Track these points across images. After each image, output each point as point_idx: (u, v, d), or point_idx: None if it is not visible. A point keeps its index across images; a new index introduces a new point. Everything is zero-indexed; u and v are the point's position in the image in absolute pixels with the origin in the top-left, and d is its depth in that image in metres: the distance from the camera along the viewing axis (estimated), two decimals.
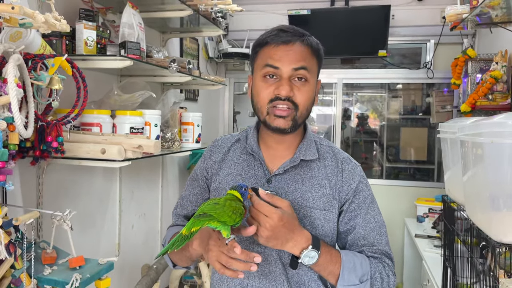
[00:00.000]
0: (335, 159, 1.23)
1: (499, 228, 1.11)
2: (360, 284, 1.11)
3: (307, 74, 1.13)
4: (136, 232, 2.55)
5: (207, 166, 1.30)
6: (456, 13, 2.18)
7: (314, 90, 1.18)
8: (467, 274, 1.42)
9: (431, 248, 2.73)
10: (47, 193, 1.78)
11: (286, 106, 1.12)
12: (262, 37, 1.17)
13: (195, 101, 3.43)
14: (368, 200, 1.21)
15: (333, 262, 1.10)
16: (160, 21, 2.47)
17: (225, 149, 1.29)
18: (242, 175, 1.22)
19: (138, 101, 1.91)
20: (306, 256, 1.05)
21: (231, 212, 0.99)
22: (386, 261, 1.18)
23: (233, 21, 3.86)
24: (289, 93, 1.11)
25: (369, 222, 1.19)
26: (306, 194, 1.17)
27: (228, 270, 1.00)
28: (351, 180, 1.20)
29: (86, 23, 1.67)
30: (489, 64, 2.78)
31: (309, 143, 1.23)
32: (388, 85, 5.15)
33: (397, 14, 3.60)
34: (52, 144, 1.42)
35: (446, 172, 1.81)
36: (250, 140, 1.25)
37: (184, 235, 1.00)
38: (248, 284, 1.18)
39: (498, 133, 1.05)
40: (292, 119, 1.14)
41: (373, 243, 1.18)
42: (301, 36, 1.14)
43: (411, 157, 4.73)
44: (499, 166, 1.07)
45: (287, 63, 1.12)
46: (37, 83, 1.36)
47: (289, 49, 1.12)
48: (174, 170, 3.06)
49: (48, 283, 1.36)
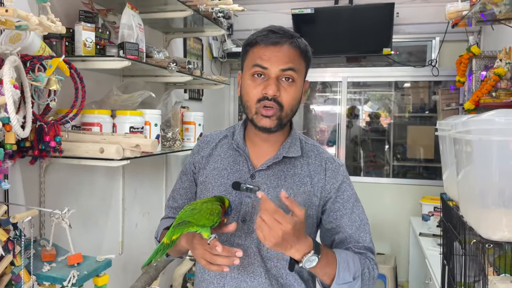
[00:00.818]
0: (319, 158, 1.27)
1: (487, 225, 1.11)
2: (353, 281, 1.15)
3: (294, 75, 1.16)
4: (140, 230, 2.58)
5: (195, 160, 1.35)
6: (456, 10, 2.18)
7: (300, 91, 1.21)
8: (462, 272, 1.42)
9: (435, 246, 2.72)
10: (50, 192, 1.81)
11: (271, 106, 1.15)
12: (252, 37, 1.20)
13: (200, 100, 3.45)
14: (352, 199, 1.25)
15: (329, 264, 1.13)
16: (163, 21, 2.50)
17: (212, 145, 1.34)
18: (228, 169, 1.26)
19: (137, 101, 1.94)
20: (307, 260, 1.09)
21: (208, 214, 1.06)
22: (370, 256, 1.23)
23: (237, 21, 3.87)
24: (275, 93, 1.15)
25: (354, 221, 1.23)
26: (287, 191, 1.21)
27: (213, 265, 1.07)
28: (334, 179, 1.24)
29: (85, 25, 1.70)
30: (494, 61, 2.75)
31: (294, 141, 1.27)
32: (395, 83, 5.12)
33: (402, 11, 3.58)
34: (50, 144, 1.45)
35: (444, 170, 1.80)
36: (237, 136, 1.29)
37: (166, 243, 1.08)
38: (227, 275, 1.23)
39: (486, 130, 1.05)
40: (277, 118, 1.17)
41: (358, 241, 1.23)
42: (290, 38, 1.17)
43: (418, 156, 4.70)
44: (487, 163, 1.07)
45: (275, 63, 1.15)
46: (35, 84, 1.39)
47: (278, 50, 1.15)
48: (178, 169, 3.09)
49: (46, 279, 1.40)
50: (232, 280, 1.22)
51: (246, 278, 1.21)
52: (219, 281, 1.24)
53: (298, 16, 3.55)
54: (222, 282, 1.24)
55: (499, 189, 1.06)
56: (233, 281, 1.22)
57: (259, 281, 1.21)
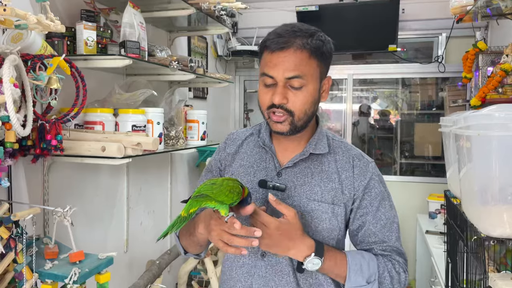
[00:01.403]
0: (347, 155, 1.24)
1: (487, 222, 1.09)
2: (367, 284, 1.14)
3: (301, 81, 1.11)
4: (145, 228, 2.59)
5: (221, 158, 1.34)
6: (460, 5, 2.15)
7: (314, 93, 1.15)
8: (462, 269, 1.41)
9: (441, 244, 2.69)
10: (54, 190, 1.83)
11: (281, 113, 1.13)
12: (264, 39, 1.17)
13: (204, 99, 3.45)
14: (380, 197, 1.21)
15: (338, 266, 1.12)
16: (166, 20, 2.50)
17: (239, 142, 1.33)
18: (254, 167, 1.25)
19: (139, 100, 1.94)
20: (309, 262, 1.09)
21: (228, 191, 1.01)
22: (397, 259, 1.19)
23: (242, 19, 3.87)
24: (281, 101, 1.11)
25: (380, 219, 1.20)
26: (314, 188, 1.19)
27: (231, 248, 1.03)
28: (362, 176, 1.21)
29: (86, 24, 1.70)
30: (501, 56, 2.72)
31: (320, 138, 1.24)
32: (402, 80, 5.09)
33: (407, 8, 3.55)
34: (52, 142, 1.46)
35: (447, 167, 1.78)
36: (263, 134, 1.27)
37: (183, 216, 1.03)
38: (255, 273, 1.21)
39: (485, 126, 1.04)
40: (290, 123, 1.14)
41: (383, 240, 1.19)
42: (299, 39, 1.11)
43: (425, 153, 4.66)
44: (486, 159, 1.06)
45: (281, 71, 1.11)
46: (36, 83, 1.40)
47: (284, 55, 1.11)
48: (183, 167, 3.10)
49: (48, 277, 1.41)
50: (260, 278, 1.20)
51: (274, 277, 1.19)
52: (246, 279, 1.22)
53: (303, 13, 3.54)
54: (250, 280, 1.21)
55: (499, 185, 1.04)
56: (261, 280, 1.20)
57: (287, 280, 1.18)
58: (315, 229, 1.17)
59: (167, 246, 2.83)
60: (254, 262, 1.21)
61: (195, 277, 2.79)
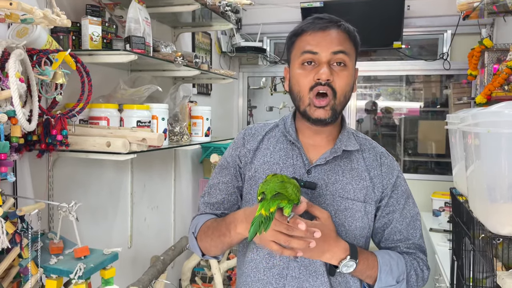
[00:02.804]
0: (374, 152, 1.23)
1: (496, 220, 1.09)
2: (396, 284, 1.13)
3: (346, 58, 1.11)
4: (149, 224, 2.59)
5: (240, 154, 1.27)
6: (467, 2, 2.14)
7: (352, 77, 1.15)
8: (471, 268, 1.40)
9: (445, 242, 2.68)
10: (58, 185, 1.83)
11: (325, 92, 1.10)
12: (298, 27, 1.16)
13: (208, 95, 3.45)
14: (405, 195, 1.21)
15: (370, 267, 1.11)
16: (171, 16, 2.49)
17: (259, 138, 1.26)
18: (280, 164, 1.20)
19: (144, 95, 1.94)
20: (344, 266, 1.07)
21: (296, 191, 0.99)
22: (420, 256, 1.20)
23: (246, 15, 3.86)
24: (329, 77, 1.09)
25: (405, 217, 1.20)
26: (347, 186, 1.16)
27: (287, 250, 0.99)
28: (390, 174, 1.20)
29: (91, 19, 1.70)
30: (506, 54, 2.70)
31: (349, 134, 1.22)
32: (406, 77, 5.06)
33: (413, 4, 3.53)
34: (57, 137, 1.45)
35: (454, 165, 1.77)
36: (289, 129, 1.23)
37: (266, 215, 0.95)
38: (288, 274, 1.16)
39: (495, 123, 1.03)
40: (331, 108, 1.11)
41: (408, 237, 1.20)
42: (337, 22, 1.13)
43: (429, 151, 4.65)
44: (495, 156, 1.05)
45: (325, 47, 1.10)
46: (42, 78, 1.39)
47: (326, 34, 1.11)
48: (187, 163, 3.09)
49: (53, 272, 1.40)
50: (294, 280, 1.15)
51: (309, 277, 1.15)
52: (278, 281, 1.17)
53: (308, 9, 3.52)
54: (282, 282, 1.16)
55: (508, 183, 1.04)
56: (295, 281, 1.15)
57: (322, 281, 1.15)
58: (349, 228, 1.15)
59: (170, 242, 2.83)
60: (286, 263, 1.16)
61: (198, 273, 2.79)
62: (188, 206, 3.12)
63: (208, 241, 1.20)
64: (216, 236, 1.16)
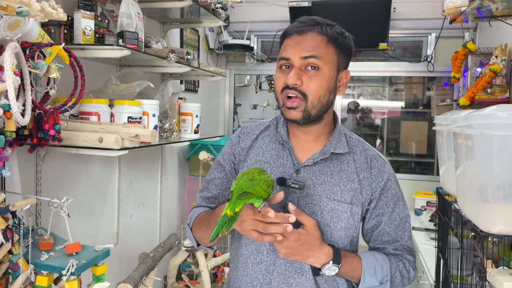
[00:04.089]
0: (365, 155, 1.24)
1: (487, 219, 1.12)
2: (380, 285, 1.17)
3: (317, 62, 1.11)
4: (135, 221, 2.57)
5: (235, 151, 1.31)
6: (455, 6, 2.19)
7: (329, 80, 1.15)
8: (458, 266, 1.44)
9: (428, 240, 2.75)
10: (46, 180, 1.80)
11: (295, 95, 1.12)
12: (285, 29, 1.19)
13: (195, 92, 3.44)
14: (395, 198, 1.23)
15: (353, 270, 1.15)
16: (160, 11, 2.47)
17: (253, 136, 1.30)
18: (271, 163, 1.23)
19: (136, 91, 1.93)
20: (327, 269, 1.11)
21: (266, 186, 1.04)
22: (407, 257, 1.23)
23: (234, 13, 3.86)
24: (295, 82, 1.11)
25: (394, 220, 1.22)
26: (334, 188, 1.18)
27: (266, 236, 1.04)
28: (380, 178, 1.22)
29: (84, 13, 1.68)
30: (489, 57, 2.78)
31: (340, 136, 1.23)
32: (389, 78, 5.14)
33: (399, 7, 3.59)
34: (49, 132, 1.43)
35: (441, 165, 1.82)
36: (281, 129, 1.25)
37: (230, 215, 1.02)
38: (274, 270, 1.20)
39: (488, 125, 1.06)
40: (303, 110, 1.13)
41: (396, 239, 1.22)
42: (316, 25, 1.14)
43: (411, 151, 4.73)
44: (488, 157, 1.08)
45: (297, 52, 1.12)
46: (35, 72, 1.37)
47: (301, 38, 1.13)
48: (173, 160, 3.08)
49: (45, 268, 1.39)
50: (279, 276, 1.19)
51: (294, 274, 1.19)
52: (265, 277, 1.21)
53: (296, 8, 3.54)
54: (268, 278, 1.20)
55: (500, 183, 1.07)
56: (280, 277, 1.19)
57: (307, 277, 1.18)
58: (334, 228, 1.18)
59: (156, 239, 2.82)
60: (273, 259, 1.20)
61: (184, 270, 2.78)
62: (174, 203, 3.11)
63: (200, 233, 1.27)
64: (206, 228, 1.22)
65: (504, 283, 0.99)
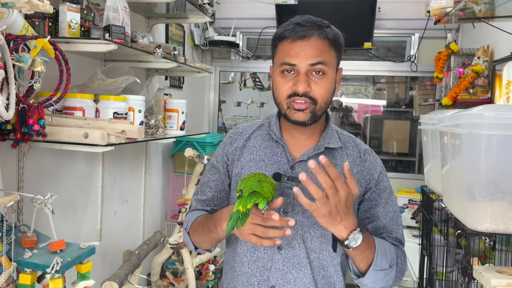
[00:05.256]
0: (357, 149, 1.26)
1: (474, 217, 1.14)
2: (389, 268, 1.15)
3: (324, 68, 1.13)
4: (118, 218, 2.54)
5: (227, 152, 1.32)
6: (440, 7, 2.22)
7: (333, 82, 1.18)
8: (443, 263, 1.46)
9: (410, 238, 2.79)
10: (28, 176, 1.76)
11: (304, 101, 1.14)
12: (280, 31, 1.17)
13: (180, 88, 3.41)
14: (388, 191, 1.25)
15: (369, 247, 1.11)
16: (146, 6, 2.44)
17: (246, 136, 1.31)
18: (265, 160, 1.24)
19: (121, 86, 1.90)
20: (353, 239, 1.05)
21: (272, 189, 1.07)
22: (402, 249, 1.24)
23: (220, 9, 3.83)
24: (306, 89, 1.12)
25: (388, 212, 1.23)
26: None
27: (266, 240, 1.04)
28: (373, 170, 1.24)
29: (70, 5, 1.64)
30: (471, 58, 2.83)
31: (332, 132, 1.25)
32: (372, 78, 5.19)
33: (383, 7, 3.62)
34: (34, 127, 1.40)
35: (426, 163, 1.84)
36: (273, 127, 1.26)
37: (243, 211, 1.03)
38: (272, 266, 1.20)
39: (476, 124, 1.08)
40: (311, 112, 1.15)
41: (391, 232, 1.23)
42: (318, 29, 1.13)
43: (393, 149, 4.80)
44: (475, 156, 1.10)
45: (304, 59, 1.12)
46: (19, 65, 1.33)
47: (305, 44, 1.12)
48: (157, 157, 3.05)
49: (28, 266, 1.35)
50: (277, 272, 1.19)
51: (292, 269, 1.18)
52: (262, 274, 1.21)
53: (282, 6, 3.54)
54: (266, 274, 1.20)
55: (487, 182, 1.09)
56: (278, 273, 1.19)
57: (305, 273, 1.18)
58: None
59: (139, 236, 2.79)
60: (270, 256, 1.20)
61: (168, 268, 2.76)
62: (158, 200, 3.09)
63: (199, 237, 1.26)
64: (205, 232, 1.22)
65: (492, 280, 1.01)
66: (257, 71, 4.59)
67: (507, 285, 0.99)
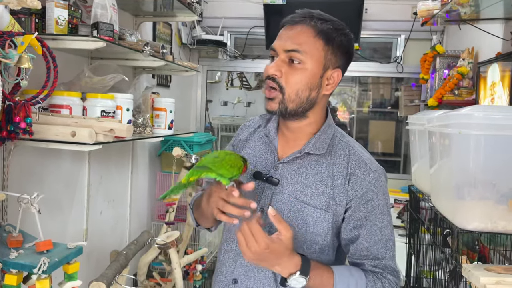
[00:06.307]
0: (347, 160, 1.15)
1: (463, 216, 1.16)
2: None
3: (300, 56, 1.08)
4: (104, 218, 2.51)
5: (234, 143, 1.35)
6: (427, 9, 2.25)
7: (312, 76, 1.11)
8: (430, 261, 1.48)
9: (396, 237, 2.80)
10: (13, 175, 1.73)
11: (273, 86, 1.11)
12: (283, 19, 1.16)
13: (167, 87, 3.39)
14: (377, 211, 1.12)
15: (323, 284, 1.08)
16: (133, 3, 2.42)
17: (251, 130, 1.32)
18: (257, 157, 1.25)
19: (109, 84, 1.87)
20: (293, 280, 1.04)
21: (229, 166, 1.05)
22: (388, 277, 1.12)
23: (207, 8, 3.82)
24: (274, 73, 1.10)
25: (374, 234, 1.12)
26: (305, 189, 1.14)
27: (223, 215, 1.05)
28: (358, 186, 1.12)
29: (58, 2, 1.62)
30: (457, 60, 2.87)
31: (323, 137, 1.18)
32: (358, 78, 5.23)
33: (370, 8, 3.65)
34: (20, 125, 1.38)
35: (413, 163, 1.86)
36: (270, 125, 1.25)
37: (182, 183, 1.08)
38: (238, 260, 1.21)
39: (466, 125, 1.09)
40: (280, 102, 1.11)
41: (376, 257, 1.12)
42: (309, 18, 1.10)
43: (378, 150, 4.84)
44: (464, 156, 1.12)
45: (282, 44, 1.10)
46: (5, 61, 1.31)
47: (289, 30, 1.11)
48: (144, 156, 3.02)
49: (14, 266, 1.33)
50: (242, 267, 1.20)
51: (255, 268, 1.17)
52: (230, 265, 1.23)
53: (270, 6, 3.54)
54: (233, 267, 1.22)
55: (476, 181, 1.11)
56: (242, 269, 1.20)
57: (266, 274, 1.16)
58: (298, 230, 1.13)
59: (126, 236, 2.76)
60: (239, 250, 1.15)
61: (155, 268, 2.74)
62: (144, 200, 3.06)
63: (197, 213, 1.31)
64: (198, 207, 1.26)
65: (481, 278, 1.03)
66: (244, 71, 4.58)
67: (497, 282, 1.00)
